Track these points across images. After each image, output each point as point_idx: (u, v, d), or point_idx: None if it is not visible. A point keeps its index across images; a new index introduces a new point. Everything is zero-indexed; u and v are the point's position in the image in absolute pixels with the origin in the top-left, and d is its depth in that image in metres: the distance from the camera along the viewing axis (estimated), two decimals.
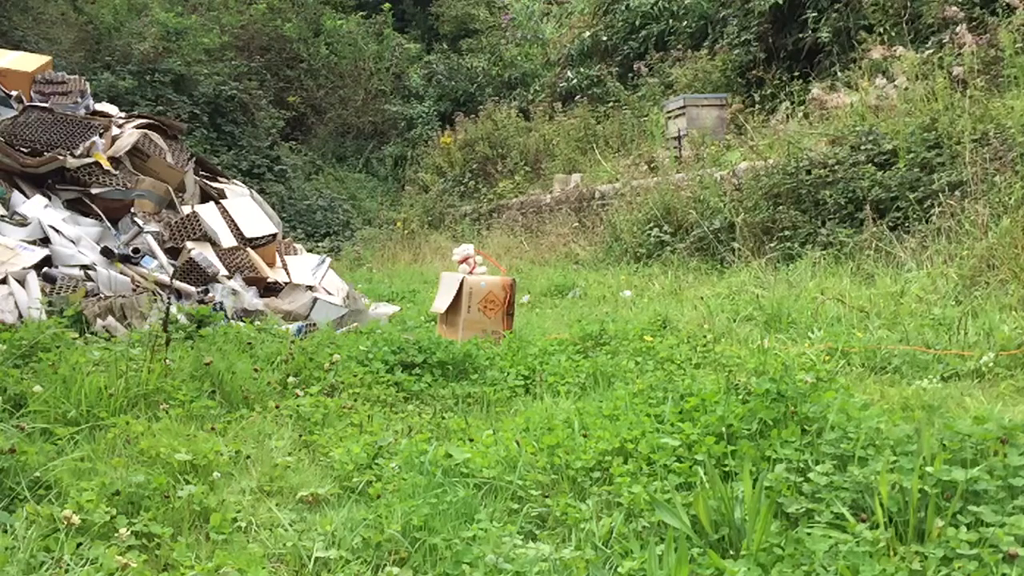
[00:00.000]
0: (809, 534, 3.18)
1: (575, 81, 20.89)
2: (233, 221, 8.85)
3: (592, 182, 15.90)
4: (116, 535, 3.33)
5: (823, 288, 8.28)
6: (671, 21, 19.39)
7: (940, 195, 9.01)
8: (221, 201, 9.34)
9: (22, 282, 7.08)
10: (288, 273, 8.86)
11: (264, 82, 22.90)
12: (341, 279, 9.49)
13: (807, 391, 4.32)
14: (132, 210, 8.51)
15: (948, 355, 5.92)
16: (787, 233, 10.48)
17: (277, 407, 5.00)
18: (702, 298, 8.68)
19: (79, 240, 7.85)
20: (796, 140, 11.46)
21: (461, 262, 7.64)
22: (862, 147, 10.38)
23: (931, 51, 11.69)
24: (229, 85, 21.14)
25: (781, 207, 10.75)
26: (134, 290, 7.45)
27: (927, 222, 8.98)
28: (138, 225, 8.33)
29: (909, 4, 13.23)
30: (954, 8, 12.12)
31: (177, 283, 7.60)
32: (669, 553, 2.95)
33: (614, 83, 19.05)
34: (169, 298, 7.17)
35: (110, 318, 6.81)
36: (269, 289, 8.43)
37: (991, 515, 3.17)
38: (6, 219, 7.81)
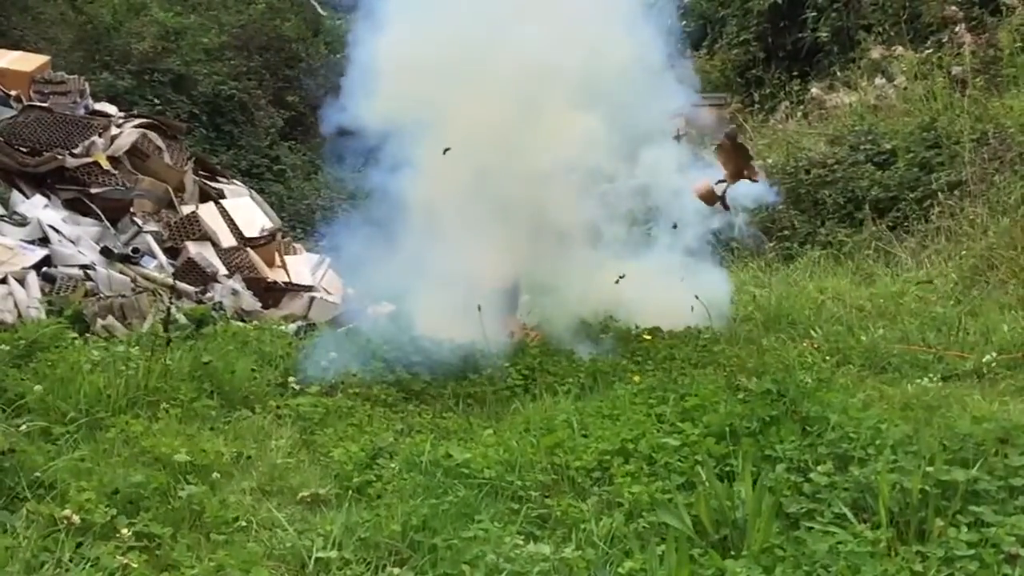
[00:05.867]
0: (810, 530, 3.19)
1: None
2: (233, 221, 8.84)
3: None
4: (117, 535, 3.33)
5: (823, 288, 8.28)
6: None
7: (939, 195, 9.02)
8: (221, 201, 9.33)
9: (22, 282, 7.06)
10: (288, 273, 8.85)
11: (263, 82, 22.83)
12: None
13: (808, 391, 4.32)
14: (131, 210, 8.49)
15: (948, 355, 5.92)
16: (786, 233, 10.47)
17: (277, 407, 5.00)
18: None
19: (78, 240, 7.84)
20: (795, 140, 11.46)
21: None
22: (861, 147, 10.38)
23: (930, 51, 11.69)
24: (228, 85, 21.08)
25: (780, 207, 10.74)
26: (133, 290, 7.44)
27: (926, 222, 8.99)
28: (137, 225, 8.32)
29: (908, 4, 13.23)
30: (953, 8, 12.12)
31: (177, 283, 7.59)
32: (670, 553, 2.95)
33: None
34: (169, 298, 7.16)
35: (110, 318, 6.80)
36: (269, 288, 8.42)
37: (992, 515, 3.17)
38: (6, 219, 7.80)
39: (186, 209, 8.88)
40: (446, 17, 6.39)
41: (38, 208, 8.00)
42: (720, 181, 6.80)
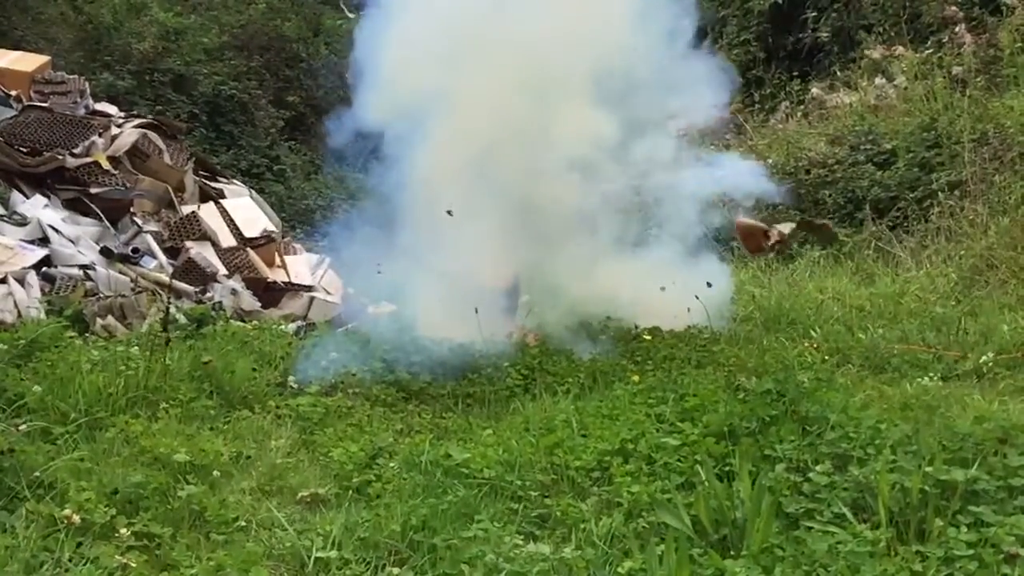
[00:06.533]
0: (810, 530, 3.19)
1: None
2: (232, 221, 8.84)
3: None
4: (116, 535, 3.33)
5: (823, 288, 8.27)
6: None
7: (939, 195, 9.02)
8: (220, 201, 9.33)
9: (21, 282, 7.06)
10: (288, 273, 8.85)
11: (263, 82, 22.81)
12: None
13: (807, 391, 4.32)
14: (131, 210, 8.49)
15: (948, 354, 5.92)
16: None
17: (277, 407, 5.00)
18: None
19: (78, 240, 7.84)
20: (796, 140, 11.46)
21: None
22: (861, 147, 10.38)
23: (930, 51, 11.69)
24: (228, 85, 21.08)
25: (780, 207, 10.73)
26: (133, 290, 7.44)
27: (926, 222, 8.99)
28: (137, 225, 8.32)
29: (908, 4, 13.22)
30: (953, 8, 12.12)
31: (175, 282, 7.59)
32: (669, 553, 2.95)
33: None
34: (168, 298, 7.16)
35: (110, 318, 6.80)
36: (269, 288, 8.41)
37: (991, 515, 3.17)
38: (6, 219, 7.80)
39: (186, 209, 8.88)
40: (455, 8, 6.39)
41: (38, 208, 8.00)
42: (766, 234, 6.76)
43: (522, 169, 6.36)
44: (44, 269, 7.35)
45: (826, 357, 5.91)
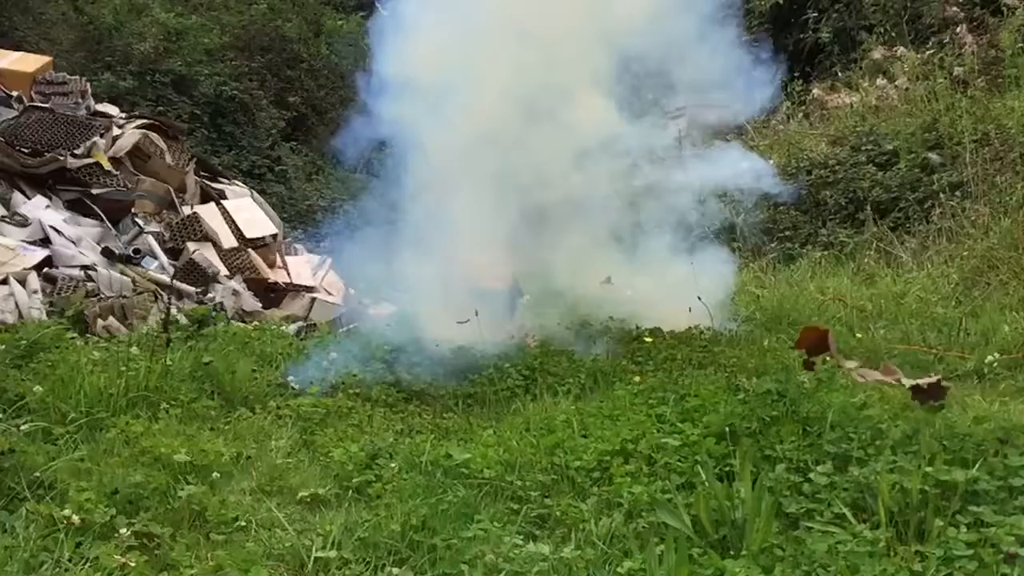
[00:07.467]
0: (810, 530, 3.19)
1: None
2: (234, 222, 8.85)
3: None
4: (116, 535, 3.34)
5: (824, 288, 8.27)
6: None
7: (941, 195, 9.02)
8: (222, 202, 9.34)
9: (23, 283, 7.07)
10: (289, 273, 8.85)
11: (264, 82, 22.82)
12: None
13: (808, 391, 4.31)
14: (133, 210, 8.50)
15: (949, 355, 5.92)
16: (787, 233, 10.47)
17: (277, 407, 5.00)
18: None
19: (80, 240, 7.85)
20: (797, 141, 11.46)
21: None
22: (863, 147, 10.39)
23: (932, 51, 11.69)
24: (230, 85, 21.09)
25: (781, 207, 10.74)
26: (134, 290, 7.44)
27: (928, 222, 8.99)
28: (139, 226, 8.33)
29: (909, 4, 13.22)
30: (954, 8, 12.12)
31: (177, 283, 7.59)
32: (669, 553, 2.95)
33: None
34: (169, 299, 7.16)
35: (111, 318, 6.81)
36: (270, 289, 8.42)
37: (991, 515, 3.17)
38: (7, 220, 7.81)
39: (187, 210, 8.89)
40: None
41: (39, 209, 8.01)
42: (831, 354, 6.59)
43: (524, 167, 6.37)
44: (45, 270, 7.36)
45: (827, 358, 5.90)
